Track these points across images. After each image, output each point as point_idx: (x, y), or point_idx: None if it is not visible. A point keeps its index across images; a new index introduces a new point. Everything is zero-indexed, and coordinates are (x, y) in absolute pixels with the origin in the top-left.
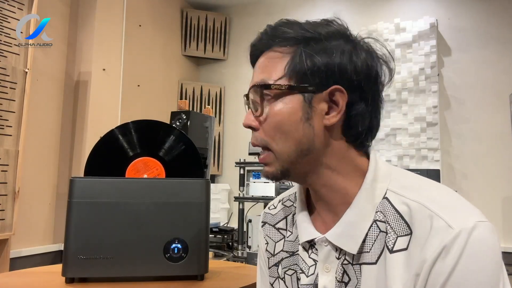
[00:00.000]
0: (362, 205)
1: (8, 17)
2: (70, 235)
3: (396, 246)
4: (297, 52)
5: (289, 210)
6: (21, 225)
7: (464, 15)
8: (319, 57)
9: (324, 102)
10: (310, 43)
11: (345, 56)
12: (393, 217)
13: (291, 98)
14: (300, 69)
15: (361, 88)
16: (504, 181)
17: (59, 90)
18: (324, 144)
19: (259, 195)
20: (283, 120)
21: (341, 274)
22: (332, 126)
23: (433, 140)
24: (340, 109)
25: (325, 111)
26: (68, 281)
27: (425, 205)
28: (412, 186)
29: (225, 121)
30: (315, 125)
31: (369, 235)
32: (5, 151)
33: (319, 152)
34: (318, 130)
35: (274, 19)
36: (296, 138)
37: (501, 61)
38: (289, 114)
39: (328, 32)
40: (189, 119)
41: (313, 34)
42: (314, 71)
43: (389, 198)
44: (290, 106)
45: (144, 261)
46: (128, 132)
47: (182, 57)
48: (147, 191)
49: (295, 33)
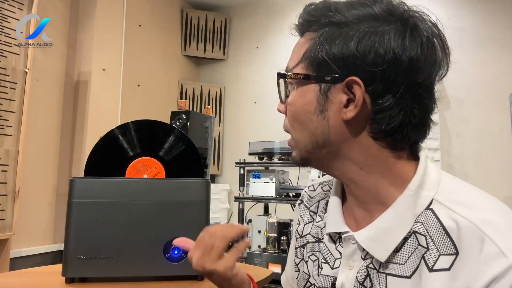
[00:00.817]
0: (400, 212)
1: (8, 17)
2: (70, 235)
3: (437, 264)
4: (319, 38)
5: (324, 195)
6: (21, 225)
7: (464, 15)
8: (336, 45)
9: (343, 94)
10: (330, 29)
11: (366, 42)
12: (436, 231)
13: (307, 88)
14: (316, 58)
15: (387, 79)
16: (504, 181)
17: (59, 90)
18: (343, 138)
19: (259, 195)
20: (298, 110)
21: (363, 276)
22: (353, 120)
23: (433, 140)
24: (357, 103)
25: (344, 104)
26: (68, 281)
27: (477, 225)
28: (464, 200)
29: (225, 121)
30: (331, 118)
31: (406, 246)
32: (5, 151)
33: (339, 146)
34: (335, 123)
35: (274, 19)
36: (311, 129)
37: (501, 61)
38: (304, 104)
39: (353, 14)
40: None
41: (335, 16)
42: (331, 60)
43: (434, 210)
44: (305, 96)
45: (144, 261)
46: (128, 132)
47: (182, 57)
48: (147, 191)
49: (318, 16)
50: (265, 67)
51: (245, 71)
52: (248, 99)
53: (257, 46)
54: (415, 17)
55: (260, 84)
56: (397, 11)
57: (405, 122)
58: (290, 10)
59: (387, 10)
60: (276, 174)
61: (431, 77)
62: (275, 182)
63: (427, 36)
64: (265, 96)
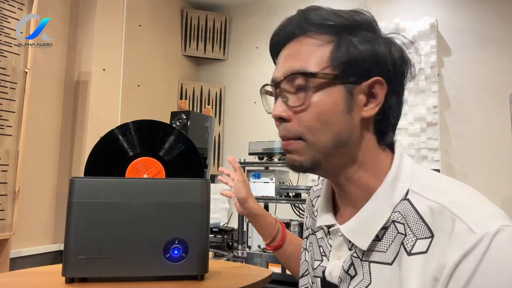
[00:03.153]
0: (379, 202)
1: (8, 17)
2: (70, 235)
3: (415, 248)
4: (341, 40)
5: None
6: (21, 225)
7: (464, 15)
8: (362, 47)
9: (363, 93)
10: (353, 32)
11: (385, 47)
12: (413, 219)
13: (334, 88)
14: (344, 59)
15: (397, 81)
16: (504, 181)
17: (59, 90)
18: (359, 137)
19: (259, 195)
20: (325, 111)
21: (348, 265)
22: (368, 119)
23: (433, 140)
24: (379, 102)
25: (364, 103)
26: (68, 281)
27: (447, 207)
28: (434, 186)
29: (225, 121)
30: (355, 117)
31: (387, 235)
32: (5, 151)
33: (355, 146)
34: (357, 123)
35: (274, 19)
36: (337, 129)
37: (501, 61)
38: (332, 104)
39: (366, 21)
40: (189, 119)
41: (353, 22)
42: (358, 62)
43: (410, 199)
44: (333, 96)
45: (144, 261)
46: (128, 132)
47: (182, 57)
48: (147, 191)
49: (336, 20)
50: (265, 67)
51: (245, 71)
52: (248, 99)
53: (257, 46)
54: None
55: (260, 84)
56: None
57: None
58: (291, 10)
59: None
60: (276, 174)
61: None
62: (275, 182)
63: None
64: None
